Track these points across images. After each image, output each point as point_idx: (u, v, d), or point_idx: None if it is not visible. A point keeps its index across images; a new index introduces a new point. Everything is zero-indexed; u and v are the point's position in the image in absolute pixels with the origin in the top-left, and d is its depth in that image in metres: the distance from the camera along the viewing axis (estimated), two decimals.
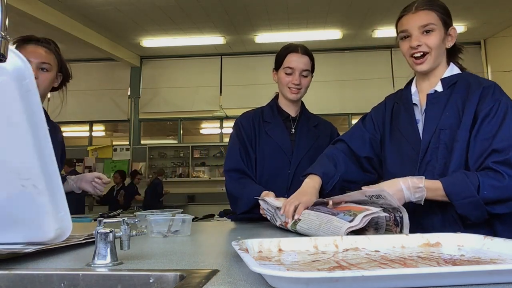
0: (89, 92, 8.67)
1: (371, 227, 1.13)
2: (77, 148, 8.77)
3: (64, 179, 1.72)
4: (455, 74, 1.36)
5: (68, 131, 9.67)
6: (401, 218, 1.09)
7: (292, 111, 1.86)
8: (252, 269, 0.56)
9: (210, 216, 5.19)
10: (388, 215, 1.09)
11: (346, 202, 1.21)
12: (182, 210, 1.47)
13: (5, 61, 0.68)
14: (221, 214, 5.03)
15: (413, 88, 1.43)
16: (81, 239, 1.01)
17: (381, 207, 1.11)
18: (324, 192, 1.42)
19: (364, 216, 1.04)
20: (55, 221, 0.86)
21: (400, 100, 1.47)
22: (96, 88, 8.75)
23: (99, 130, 9.71)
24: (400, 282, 0.54)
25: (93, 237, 0.99)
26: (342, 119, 8.79)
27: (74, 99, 8.64)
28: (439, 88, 1.35)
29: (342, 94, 8.28)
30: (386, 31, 7.29)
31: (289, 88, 1.77)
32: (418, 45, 1.31)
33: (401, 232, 1.08)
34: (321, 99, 8.25)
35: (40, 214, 0.85)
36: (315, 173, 1.42)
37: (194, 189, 8.46)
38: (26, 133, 0.81)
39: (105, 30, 7.19)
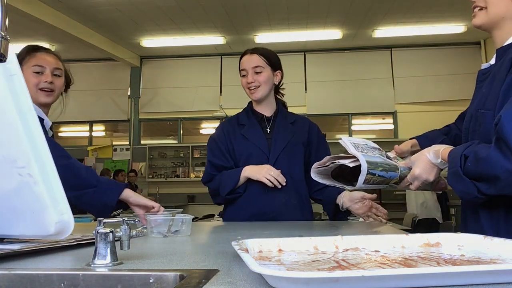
0: (89, 92, 8.66)
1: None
2: (77, 148, 8.77)
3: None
4: None
5: (68, 131, 9.67)
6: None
7: (266, 111, 1.90)
8: (252, 269, 0.56)
9: (210, 216, 5.18)
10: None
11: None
12: (182, 210, 1.47)
13: (5, 61, 0.68)
14: (221, 214, 5.02)
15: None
16: (73, 242, 0.99)
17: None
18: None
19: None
20: (55, 213, 0.85)
21: None
22: (96, 88, 8.75)
23: (99, 130, 9.71)
24: (400, 282, 0.54)
25: (90, 239, 0.99)
26: (342, 119, 8.78)
27: (74, 99, 8.56)
28: (493, 61, 1.12)
29: (342, 94, 8.27)
30: (386, 31, 7.28)
31: (248, 89, 1.85)
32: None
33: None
34: (321, 99, 8.26)
35: (39, 205, 0.84)
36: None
37: (194, 189, 8.46)
38: (14, 119, 0.81)
39: (105, 30, 7.19)
